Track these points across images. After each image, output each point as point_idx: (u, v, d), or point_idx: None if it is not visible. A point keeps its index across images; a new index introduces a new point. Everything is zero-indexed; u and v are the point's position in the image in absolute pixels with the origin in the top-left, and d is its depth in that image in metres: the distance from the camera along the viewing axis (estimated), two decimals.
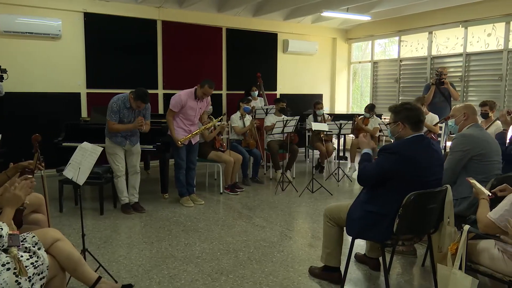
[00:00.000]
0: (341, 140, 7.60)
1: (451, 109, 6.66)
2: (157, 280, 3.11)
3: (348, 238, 2.92)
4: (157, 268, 3.31)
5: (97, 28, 6.89)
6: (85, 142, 3.00)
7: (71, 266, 2.40)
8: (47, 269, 2.13)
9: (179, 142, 4.88)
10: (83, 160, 2.90)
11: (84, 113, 6.89)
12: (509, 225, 1.60)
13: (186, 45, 7.72)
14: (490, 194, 2.42)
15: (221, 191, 5.74)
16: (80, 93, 6.90)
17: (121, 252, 3.64)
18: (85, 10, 6.76)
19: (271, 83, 8.77)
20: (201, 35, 7.89)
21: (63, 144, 5.29)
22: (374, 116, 7.07)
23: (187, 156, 5.11)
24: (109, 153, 4.70)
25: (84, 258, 2.80)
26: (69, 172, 2.94)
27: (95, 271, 2.69)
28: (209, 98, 5.19)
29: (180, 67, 7.64)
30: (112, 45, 7.03)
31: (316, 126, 6.22)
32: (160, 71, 7.56)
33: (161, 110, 7.49)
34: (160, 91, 7.57)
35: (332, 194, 5.69)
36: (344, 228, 2.95)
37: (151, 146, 5.19)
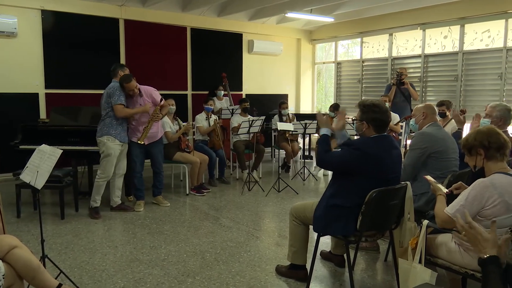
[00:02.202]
0: (307, 139, 7.70)
1: (411, 108, 6.92)
2: (122, 284, 3.04)
3: (313, 236, 2.97)
4: (121, 273, 3.24)
5: (56, 26, 6.65)
6: (43, 145, 2.89)
7: (30, 274, 2.31)
8: (3, 278, 2.04)
9: (138, 141, 4.73)
10: (41, 163, 2.80)
11: (43, 114, 6.63)
12: (458, 220, 1.67)
13: (149, 44, 7.59)
14: (447, 191, 2.52)
15: (187, 193, 5.68)
16: (38, 93, 6.63)
17: (83, 257, 3.54)
18: (43, 7, 6.51)
19: (237, 83, 8.77)
20: (165, 34, 7.78)
21: (20, 147, 5.05)
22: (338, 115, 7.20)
23: (152, 162, 5.04)
24: (109, 154, 4.49)
25: (44, 265, 2.69)
26: (26, 176, 2.82)
27: (56, 278, 2.59)
28: (150, 89, 4.80)
29: (143, 67, 7.49)
30: (72, 44, 6.80)
31: (281, 126, 6.28)
32: None
33: None
34: None
35: (298, 193, 5.76)
36: (310, 226, 3.00)
37: None
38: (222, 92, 7.64)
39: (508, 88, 6.62)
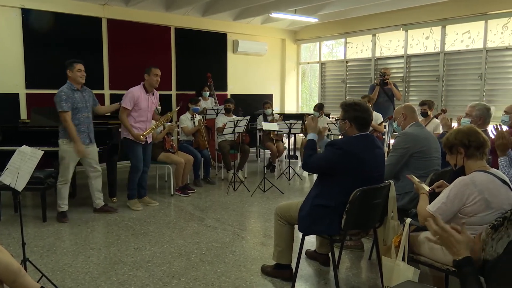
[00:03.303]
0: (292, 139, 7.73)
1: (394, 108, 7.01)
2: (105, 287, 3.01)
3: (299, 236, 2.98)
4: (105, 275, 3.20)
5: (36, 25, 6.52)
6: (24, 146, 2.84)
7: (10, 277, 2.26)
8: None
9: (141, 137, 4.75)
10: (22, 164, 2.74)
11: (23, 115, 6.51)
12: (431, 225, 1.68)
13: (133, 44, 7.51)
14: (429, 189, 2.56)
15: (172, 193, 5.65)
16: (18, 93, 6.51)
17: (66, 260, 3.48)
18: (23, 6, 6.38)
19: (222, 83, 8.75)
20: (149, 34, 7.71)
21: (0, 148, 4.96)
22: (323, 115, 7.26)
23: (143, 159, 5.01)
24: (65, 157, 4.40)
25: (25, 268, 2.64)
26: (6, 177, 2.76)
27: (38, 282, 2.55)
28: (157, 93, 5.06)
29: (127, 67, 7.42)
30: (54, 43, 6.69)
31: (266, 126, 6.29)
32: (106, 71, 7.30)
33: None
34: (107, 92, 7.31)
35: (283, 193, 5.78)
36: (295, 225, 3.01)
37: (98, 149, 4.98)
38: (208, 93, 7.61)
39: (488, 88, 6.76)
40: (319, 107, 7.21)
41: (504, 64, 6.60)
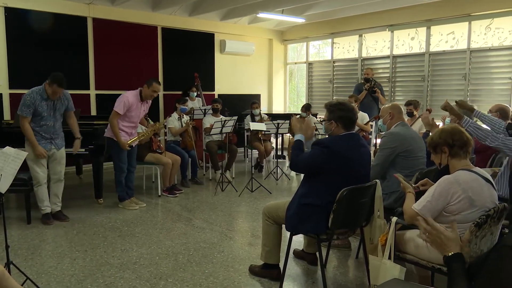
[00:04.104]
0: (279, 139, 7.75)
1: (378, 108, 7.09)
2: None
3: (286, 235, 2.99)
4: (91, 277, 3.16)
5: (20, 24, 6.41)
6: (7, 147, 2.79)
7: None
8: None
9: (127, 146, 4.74)
10: (5, 166, 2.70)
11: (7, 115, 6.39)
12: (421, 223, 1.72)
13: (119, 44, 7.44)
14: (414, 187, 2.59)
15: (160, 194, 5.61)
16: (1, 94, 6.39)
17: (51, 262, 3.43)
18: (6, 4, 6.27)
19: (209, 83, 8.73)
20: (135, 34, 7.65)
21: None
22: (310, 115, 7.29)
23: (128, 159, 4.95)
24: (29, 159, 4.26)
25: (9, 271, 2.60)
26: None
27: (22, 285, 2.51)
28: (150, 101, 5.05)
29: (113, 67, 7.35)
30: (38, 42, 6.58)
31: (254, 126, 6.29)
32: (92, 71, 7.21)
33: (93, 111, 7.15)
34: (92, 92, 7.22)
35: (271, 193, 5.78)
36: (283, 225, 3.02)
37: (83, 150, 4.93)
38: (195, 93, 7.58)
39: (472, 88, 6.87)
40: (306, 107, 7.24)
41: (487, 65, 6.72)
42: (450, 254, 1.56)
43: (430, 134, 4.18)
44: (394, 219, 2.47)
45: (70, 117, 4.56)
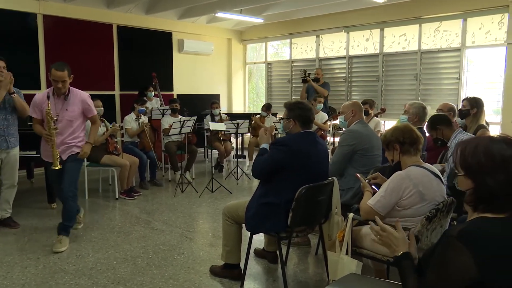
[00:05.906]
0: (239, 139, 7.75)
1: (325, 104, 7.21)
2: None
3: (247, 235, 2.99)
4: (44, 286, 3.03)
5: None
6: None
7: None
8: None
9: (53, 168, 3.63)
10: None
11: None
12: (373, 227, 1.81)
13: (73, 42, 7.16)
14: (365, 180, 2.67)
15: (117, 197, 5.46)
16: None
17: None
18: None
19: (168, 83, 8.58)
20: (89, 31, 7.39)
21: None
22: (270, 115, 7.36)
23: (58, 180, 3.76)
24: None
25: None
26: None
27: None
28: (84, 95, 3.84)
29: None
30: None
31: (213, 126, 6.26)
32: (42, 70, 6.90)
33: None
34: (43, 91, 6.90)
35: (231, 193, 5.78)
36: (243, 225, 3.03)
37: (34, 152, 4.70)
38: (153, 94, 7.43)
39: (423, 87, 7.19)
40: (267, 107, 7.30)
41: (437, 66, 7.04)
42: (399, 254, 1.64)
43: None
44: (351, 215, 2.53)
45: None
